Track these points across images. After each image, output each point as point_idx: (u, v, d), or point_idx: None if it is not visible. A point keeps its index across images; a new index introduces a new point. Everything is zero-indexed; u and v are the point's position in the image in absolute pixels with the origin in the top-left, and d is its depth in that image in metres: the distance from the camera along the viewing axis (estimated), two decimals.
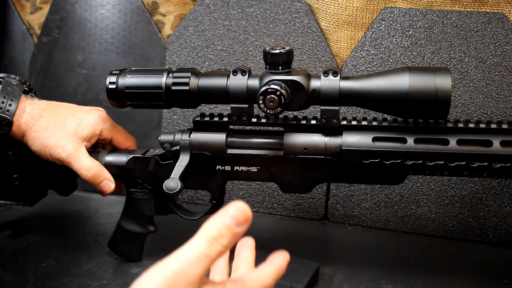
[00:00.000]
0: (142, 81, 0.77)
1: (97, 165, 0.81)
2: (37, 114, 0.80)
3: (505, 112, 0.91)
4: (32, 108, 0.80)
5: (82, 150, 0.81)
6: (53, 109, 0.81)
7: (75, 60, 1.17)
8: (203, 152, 0.80)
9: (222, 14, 1.05)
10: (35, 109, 0.80)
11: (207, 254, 0.46)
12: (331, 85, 0.72)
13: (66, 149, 0.79)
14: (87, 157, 0.81)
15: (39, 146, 0.79)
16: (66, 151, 0.79)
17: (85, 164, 0.80)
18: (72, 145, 0.79)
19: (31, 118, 0.79)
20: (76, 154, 0.79)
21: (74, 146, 0.80)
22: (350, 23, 0.98)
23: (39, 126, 0.79)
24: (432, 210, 0.97)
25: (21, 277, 0.84)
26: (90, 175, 0.80)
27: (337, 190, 1.02)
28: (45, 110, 0.80)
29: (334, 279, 0.84)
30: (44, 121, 0.80)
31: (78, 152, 0.80)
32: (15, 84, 0.81)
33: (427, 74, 0.68)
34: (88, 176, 0.80)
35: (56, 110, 0.81)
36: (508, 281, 0.83)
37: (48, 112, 0.80)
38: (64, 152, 0.79)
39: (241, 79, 0.75)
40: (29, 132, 0.79)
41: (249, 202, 1.08)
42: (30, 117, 0.79)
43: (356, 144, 0.74)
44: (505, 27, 0.90)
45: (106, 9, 1.14)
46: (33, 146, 0.80)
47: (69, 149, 0.79)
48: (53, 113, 0.81)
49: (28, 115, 0.79)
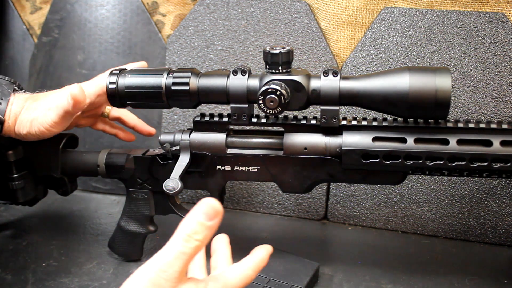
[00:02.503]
0: (142, 81, 0.77)
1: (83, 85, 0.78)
2: (21, 103, 0.80)
3: (505, 112, 0.91)
4: (18, 101, 0.80)
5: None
6: (36, 95, 0.82)
7: (75, 60, 1.17)
8: (203, 152, 0.80)
9: (222, 14, 1.05)
10: (20, 100, 0.80)
11: (184, 252, 0.50)
12: (331, 85, 0.72)
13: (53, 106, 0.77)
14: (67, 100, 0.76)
15: (27, 126, 0.79)
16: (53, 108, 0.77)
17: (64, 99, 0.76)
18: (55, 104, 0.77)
19: (17, 108, 0.80)
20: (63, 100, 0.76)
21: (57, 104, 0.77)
22: (350, 23, 0.98)
23: (25, 109, 0.80)
24: (432, 210, 0.97)
25: (21, 277, 0.84)
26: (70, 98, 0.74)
27: (337, 190, 1.02)
28: (27, 98, 0.81)
29: (334, 279, 0.84)
30: (28, 104, 0.80)
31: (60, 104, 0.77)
32: (4, 84, 0.82)
33: (427, 74, 0.68)
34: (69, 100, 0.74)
35: (38, 95, 0.82)
36: (508, 281, 0.83)
37: (31, 98, 0.81)
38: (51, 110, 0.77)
39: (241, 79, 0.75)
40: (17, 120, 0.80)
41: (249, 202, 1.08)
42: (16, 108, 0.80)
43: (356, 144, 0.74)
44: (505, 27, 0.90)
45: (106, 9, 1.14)
46: (23, 130, 0.79)
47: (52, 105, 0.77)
48: (35, 97, 0.82)
49: (15, 106, 0.80)
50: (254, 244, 0.87)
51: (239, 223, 1.04)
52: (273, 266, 0.80)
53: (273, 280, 0.76)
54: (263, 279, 0.76)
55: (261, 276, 0.77)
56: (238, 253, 0.88)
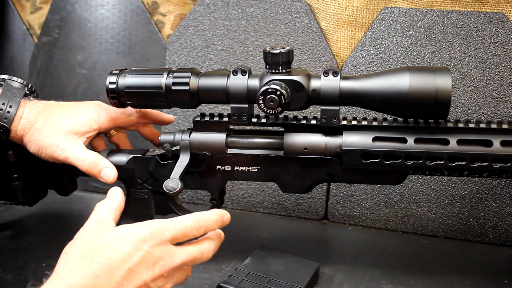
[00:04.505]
0: (142, 81, 0.77)
1: (93, 154, 0.80)
2: (33, 118, 0.80)
3: (505, 112, 0.91)
4: (29, 113, 0.80)
5: (78, 144, 0.80)
6: (49, 111, 0.81)
7: (75, 60, 1.17)
8: (203, 152, 0.80)
9: (222, 14, 1.05)
10: (32, 113, 0.80)
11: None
12: (331, 85, 0.72)
13: (61, 146, 0.79)
14: (82, 149, 0.80)
15: (35, 148, 0.80)
16: (60, 147, 0.79)
17: (80, 155, 0.79)
18: (66, 142, 0.79)
19: (27, 122, 0.79)
20: (71, 149, 0.79)
21: (69, 142, 0.79)
22: (350, 23, 0.98)
23: (35, 129, 0.79)
24: (432, 210, 0.97)
25: (21, 277, 0.84)
26: (87, 164, 0.79)
27: (337, 190, 1.02)
28: (40, 113, 0.80)
29: (334, 279, 0.84)
30: (39, 124, 0.80)
31: (73, 146, 0.79)
32: (16, 87, 0.81)
33: (427, 74, 0.68)
34: (85, 165, 0.79)
35: (51, 112, 0.81)
36: (508, 281, 0.83)
37: (44, 114, 0.80)
38: (59, 149, 0.79)
39: (241, 79, 0.75)
40: (25, 136, 0.80)
41: (249, 202, 1.08)
42: (26, 121, 0.79)
43: (356, 144, 0.74)
44: (505, 27, 0.90)
45: (106, 9, 1.14)
46: (31, 148, 0.80)
47: (63, 145, 0.79)
48: (48, 114, 0.81)
49: (25, 120, 0.79)
50: (254, 244, 0.88)
51: (239, 223, 1.04)
52: (273, 266, 0.80)
53: (273, 280, 0.76)
54: (263, 279, 0.76)
55: (261, 276, 0.77)
56: (238, 253, 0.89)
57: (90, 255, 0.58)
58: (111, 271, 0.57)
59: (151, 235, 0.62)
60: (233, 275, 0.77)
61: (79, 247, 0.60)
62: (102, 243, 0.60)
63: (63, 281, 0.56)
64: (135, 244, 0.60)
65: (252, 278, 0.76)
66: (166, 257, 0.62)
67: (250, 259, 0.81)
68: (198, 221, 0.66)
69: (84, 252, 0.59)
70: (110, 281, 0.57)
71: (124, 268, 0.58)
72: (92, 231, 0.63)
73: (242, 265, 0.80)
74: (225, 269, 0.85)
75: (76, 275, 0.56)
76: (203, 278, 0.83)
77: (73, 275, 0.56)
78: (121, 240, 0.61)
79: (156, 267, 0.61)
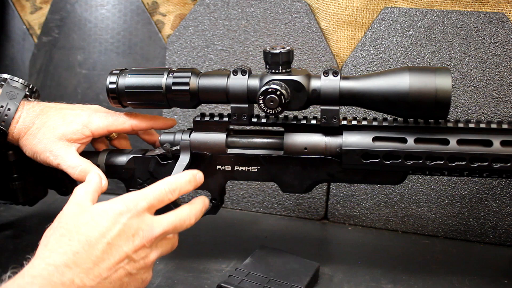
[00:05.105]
0: (142, 81, 0.77)
1: (85, 162, 0.80)
2: (29, 122, 0.80)
3: (505, 112, 0.91)
4: (25, 116, 0.80)
5: (70, 150, 0.80)
6: (45, 114, 0.81)
7: (75, 60, 1.17)
8: (203, 152, 0.80)
9: (222, 14, 1.05)
10: (28, 117, 0.80)
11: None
12: (331, 85, 0.72)
13: (54, 152, 0.79)
14: (74, 156, 0.80)
15: (30, 152, 0.80)
16: (53, 154, 0.79)
17: (72, 162, 0.79)
18: (59, 148, 0.79)
19: (23, 126, 0.80)
20: (63, 156, 0.79)
21: (61, 149, 0.80)
22: (350, 23, 0.98)
23: (30, 134, 0.80)
24: (432, 210, 0.97)
25: None
26: (78, 172, 0.79)
27: (337, 190, 1.02)
28: (36, 117, 0.80)
29: (334, 279, 0.84)
30: (34, 128, 0.80)
31: (66, 153, 0.80)
32: (17, 88, 0.81)
33: (427, 74, 0.68)
34: (76, 173, 0.79)
35: (47, 116, 0.81)
36: (508, 281, 0.83)
37: (39, 118, 0.80)
38: (51, 155, 0.79)
39: (241, 79, 0.75)
40: (21, 140, 0.80)
41: (249, 202, 1.08)
42: (22, 125, 0.80)
43: (356, 144, 0.74)
44: (505, 27, 0.90)
45: (106, 9, 1.14)
46: (26, 152, 0.81)
47: (56, 152, 0.79)
48: (44, 119, 0.81)
49: (21, 123, 0.80)
50: (254, 244, 0.88)
51: (239, 223, 1.04)
52: (273, 266, 0.80)
53: (273, 280, 0.76)
54: (263, 279, 0.76)
55: (261, 276, 0.77)
56: (238, 253, 0.89)
57: (69, 234, 0.60)
58: (90, 247, 0.59)
59: (126, 208, 0.63)
60: (233, 275, 0.77)
61: (58, 228, 0.61)
62: (80, 222, 0.61)
63: (43, 261, 0.57)
64: (112, 219, 0.61)
65: (252, 278, 0.76)
66: (145, 227, 0.63)
67: (250, 259, 0.81)
68: (170, 184, 0.68)
69: (62, 232, 0.60)
70: (90, 256, 0.58)
71: (103, 242, 0.59)
72: (71, 213, 0.64)
73: (242, 265, 0.80)
74: (225, 269, 0.85)
75: (56, 254, 0.57)
76: (203, 278, 0.83)
77: (53, 254, 0.58)
78: (97, 216, 0.62)
79: (136, 238, 0.62)
